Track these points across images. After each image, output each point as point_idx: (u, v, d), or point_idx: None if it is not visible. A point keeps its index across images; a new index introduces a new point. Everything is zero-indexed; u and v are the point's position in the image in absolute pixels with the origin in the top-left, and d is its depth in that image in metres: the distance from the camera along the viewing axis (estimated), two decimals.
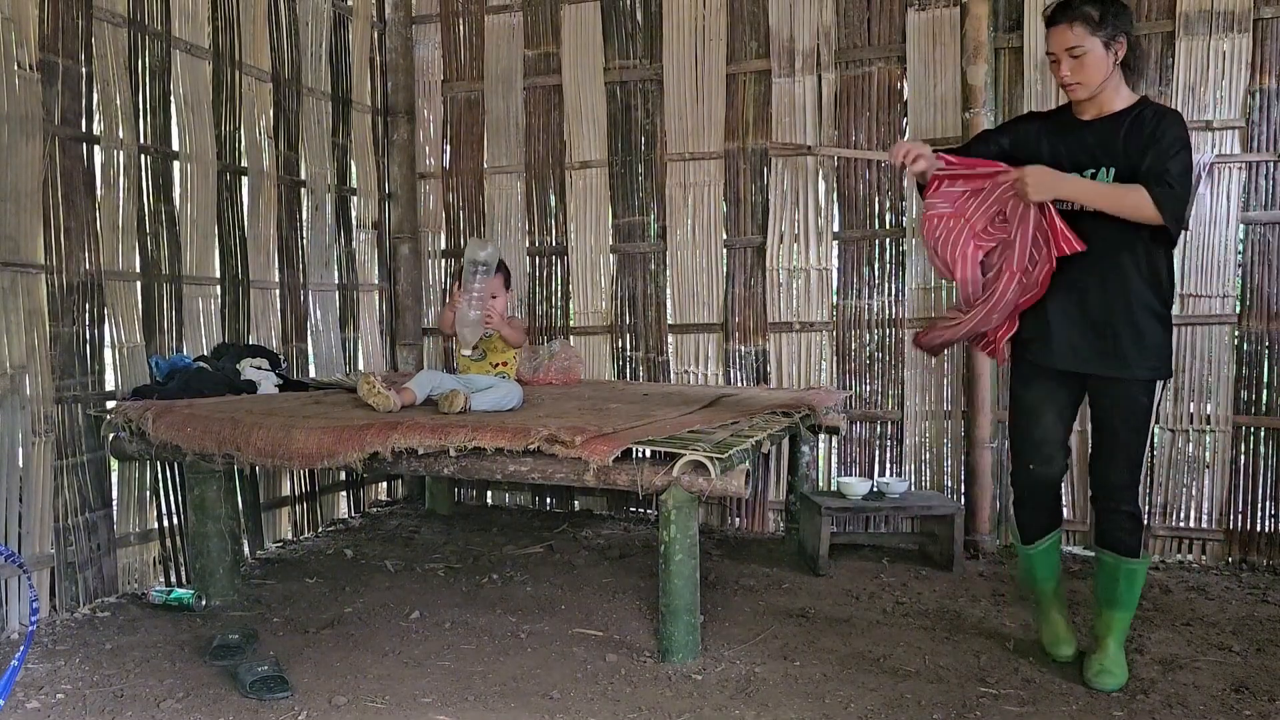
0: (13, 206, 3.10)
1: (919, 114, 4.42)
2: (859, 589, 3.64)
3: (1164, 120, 2.62)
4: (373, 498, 5.14)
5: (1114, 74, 2.67)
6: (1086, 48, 2.62)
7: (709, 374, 4.81)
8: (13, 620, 3.09)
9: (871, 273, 4.55)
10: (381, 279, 5.27)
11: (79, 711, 2.50)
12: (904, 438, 4.50)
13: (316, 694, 2.61)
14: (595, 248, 4.98)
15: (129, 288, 3.63)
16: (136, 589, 3.56)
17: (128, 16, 3.60)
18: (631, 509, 4.92)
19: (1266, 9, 3.94)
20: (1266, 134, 3.96)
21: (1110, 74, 2.66)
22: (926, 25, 4.38)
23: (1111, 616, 2.80)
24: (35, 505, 3.17)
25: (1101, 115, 2.71)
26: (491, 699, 2.59)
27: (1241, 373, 4.05)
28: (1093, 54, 2.62)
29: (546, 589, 3.63)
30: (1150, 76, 4.09)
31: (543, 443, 2.79)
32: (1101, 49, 2.62)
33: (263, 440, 3.01)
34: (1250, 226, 4.02)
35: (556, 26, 4.98)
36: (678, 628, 2.85)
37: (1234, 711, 2.55)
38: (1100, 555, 2.83)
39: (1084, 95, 2.69)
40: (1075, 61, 2.64)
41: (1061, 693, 2.67)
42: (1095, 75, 2.65)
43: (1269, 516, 4.01)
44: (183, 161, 3.89)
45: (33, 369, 3.18)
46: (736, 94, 4.71)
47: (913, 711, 2.54)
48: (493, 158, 5.17)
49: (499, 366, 3.91)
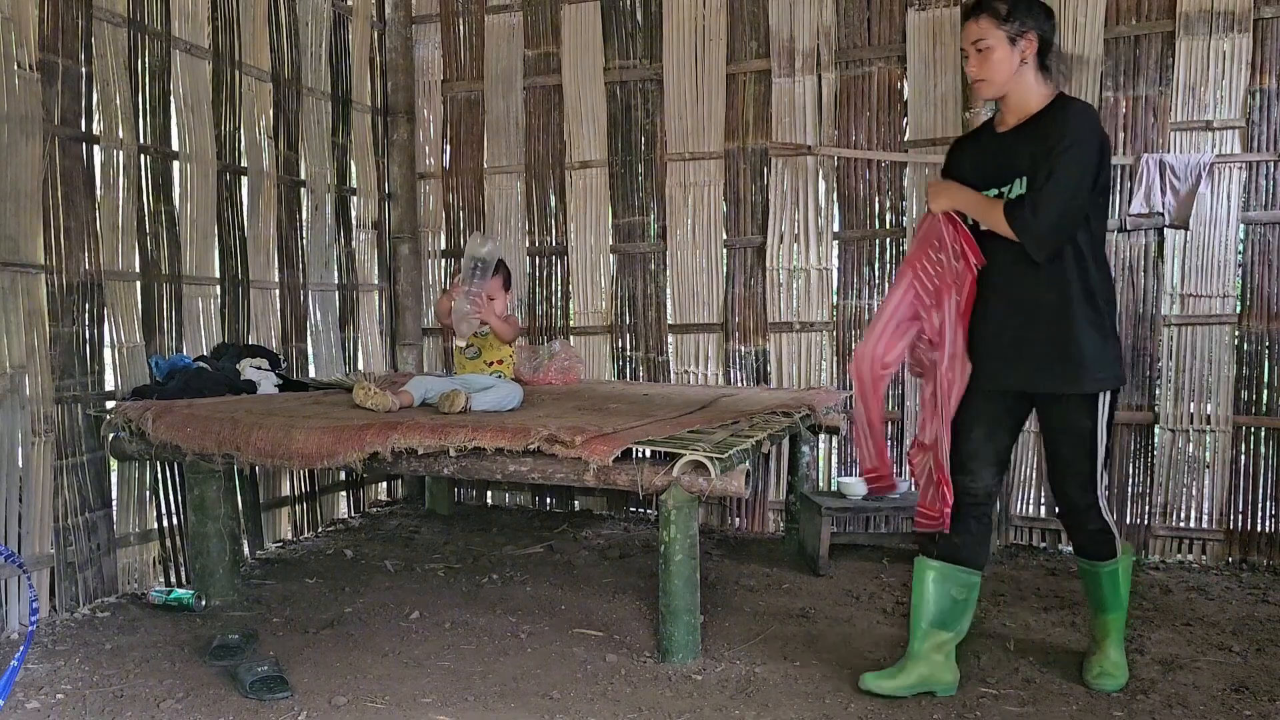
0: (12, 206, 3.10)
1: (919, 114, 4.42)
2: (859, 589, 3.64)
3: (1065, 113, 2.46)
4: (372, 498, 5.14)
5: (1024, 73, 2.52)
6: (991, 42, 2.50)
7: (709, 374, 4.81)
8: (13, 620, 3.09)
9: (871, 273, 4.55)
10: (381, 279, 5.27)
11: (79, 711, 2.49)
12: (904, 438, 4.50)
13: (316, 694, 2.61)
14: (595, 248, 4.98)
15: (129, 288, 3.63)
16: (136, 589, 3.56)
17: (128, 16, 3.60)
18: (631, 509, 4.92)
19: (1267, 9, 3.94)
20: (1267, 134, 3.96)
21: (1016, 71, 2.52)
22: (926, 25, 4.38)
23: (1104, 619, 2.78)
24: (35, 505, 3.17)
25: (1020, 121, 2.56)
26: (491, 699, 2.59)
27: (1242, 373, 4.05)
28: (998, 49, 2.50)
29: (546, 589, 3.63)
30: (1150, 76, 4.10)
31: (543, 443, 2.79)
32: (1007, 44, 2.49)
33: (263, 440, 3.01)
34: (1250, 226, 4.02)
35: (556, 26, 4.98)
36: (678, 628, 2.85)
37: (1234, 711, 2.55)
38: (1079, 563, 2.80)
39: (989, 93, 2.58)
40: (979, 56, 2.53)
41: (1061, 693, 2.67)
42: (998, 72, 2.52)
43: (1269, 516, 4.01)
44: (182, 161, 3.89)
45: (32, 369, 3.17)
46: (736, 94, 4.71)
47: (913, 711, 2.54)
48: (493, 158, 5.17)
49: (494, 365, 3.90)
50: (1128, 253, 4.17)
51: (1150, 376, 4.17)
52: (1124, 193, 4.12)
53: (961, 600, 2.68)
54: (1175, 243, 4.10)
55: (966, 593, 2.68)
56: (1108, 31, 4.13)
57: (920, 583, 2.70)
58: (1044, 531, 4.33)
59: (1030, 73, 2.54)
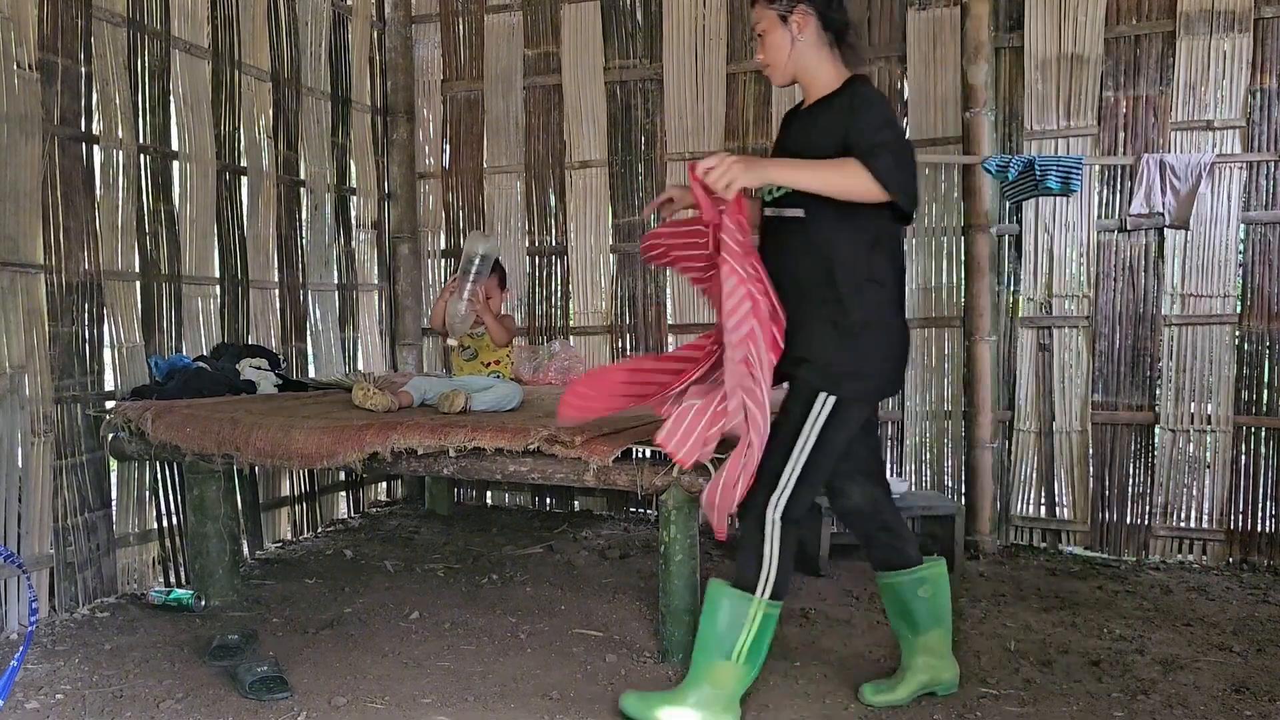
0: (12, 206, 3.10)
1: (919, 114, 4.42)
2: (859, 589, 3.64)
3: (859, 98, 2.33)
4: (372, 498, 5.14)
5: (803, 51, 2.39)
6: (765, 25, 2.41)
7: None
8: (12, 620, 3.09)
9: None
10: (381, 279, 5.27)
11: (78, 712, 2.49)
12: (904, 438, 4.50)
13: (316, 694, 2.60)
14: (595, 248, 4.97)
15: (128, 288, 3.62)
16: (136, 589, 3.56)
17: (127, 16, 3.60)
18: (631, 509, 4.92)
19: (1267, 9, 3.93)
20: (1267, 134, 3.96)
21: (794, 50, 2.39)
22: (927, 25, 4.38)
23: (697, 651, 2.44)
24: (35, 505, 3.17)
25: (814, 101, 2.45)
26: (491, 699, 2.59)
27: (1242, 373, 4.05)
28: (772, 31, 2.40)
29: (546, 589, 3.63)
30: (1151, 76, 4.10)
31: (542, 443, 2.79)
32: (779, 24, 2.38)
33: (262, 440, 3.01)
34: (1251, 226, 4.01)
35: (556, 26, 4.98)
36: (678, 628, 2.84)
37: (1234, 712, 2.55)
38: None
39: (775, 78, 2.47)
40: (760, 42, 2.44)
41: (1061, 693, 2.67)
42: (776, 54, 2.42)
43: (1269, 516, 4.01)
44: (182, 161, 3.89)
45: (32, 369, 3.17)
46: (737, 93, 4.71)
47: (913, 712, 2.53)
48: (492, 157, 5.17)
49: (491, 365, 3.89)
50: (1128, 253, 4.17)
51: (1150, 376, 4.17)
52: (1124, 193, 4.13)
53: (928, 597, 2.58)
54: (1175, 243, 4.10)
55: (931, 588, 2.58)
56: (1108, 31, 4.13)
57: (886, 596, 2.65)
58: (1044, 531, 4.33)
59: (812, 51, 2.41)
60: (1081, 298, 4.24)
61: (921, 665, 2.59)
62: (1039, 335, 4.32)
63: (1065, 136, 4.20)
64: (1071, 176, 3.86)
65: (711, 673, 2.39)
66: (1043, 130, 4.23)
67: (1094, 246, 4.21)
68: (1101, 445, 4.23)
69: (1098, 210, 4.20)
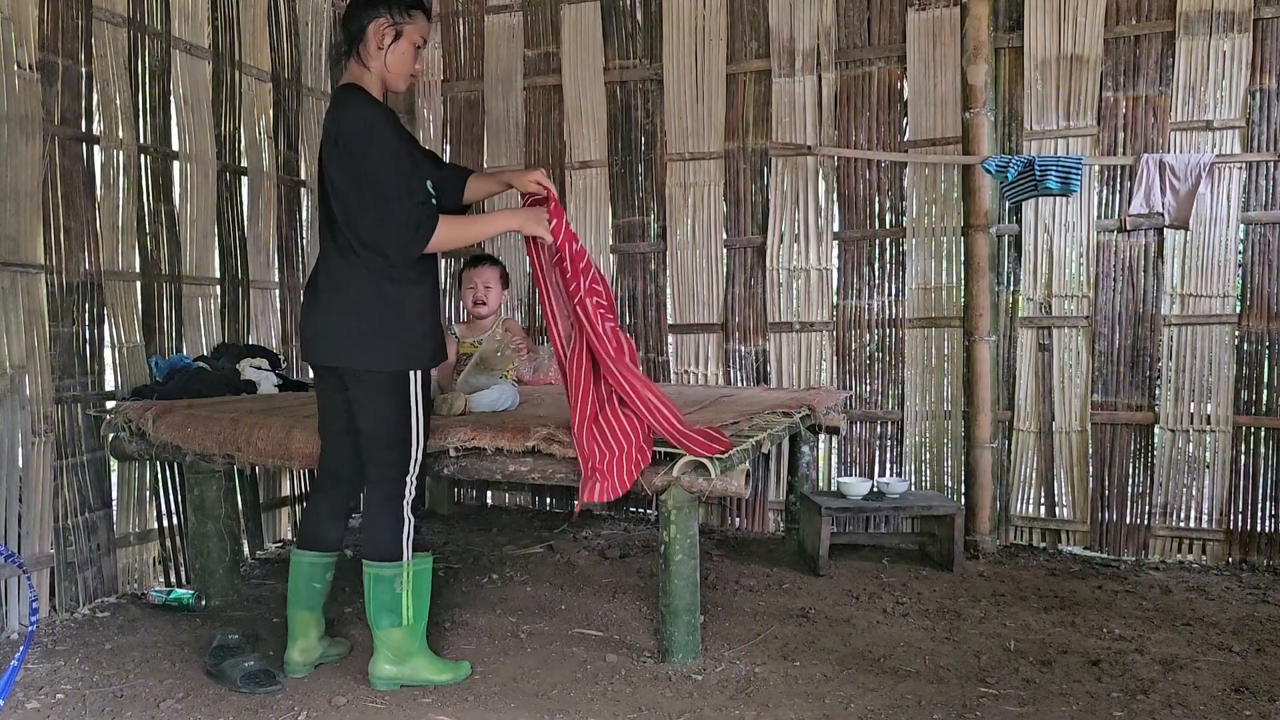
0: (12, 206, 3.10)
1: (919, 114, 4.42)
2: (859, 589, 3.64)
3: (337, 108, 2.59)
4: None
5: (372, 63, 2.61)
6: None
7: (709, 374, 4.81)
8: (12, 620, 3.09)
9: (871, 273, 4.55)
10: None
11: (79, 711, 2.49)
12: (904, 438, 4.50)
13: (316, 694, 2.61)
14: (595, 248, 4.97)
15: (129, 288, 3.63)
16: (136, 589, 3.56)
17: (128, 16, 3.60)
18: (631, 509, 4.92)
19: (1267, 9, 3.94)
20: (1267, 134, 3.96)
21: (373, 60, 2.62)
22: (926, 25, 4.38)
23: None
24: (35, 505, 3.17)
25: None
26: (491, 699, 2.59)
27: (1242, 373, 4.05)
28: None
29: (546, 589, 3.63)
30: (1150, 76, 4.10)
31: (542, 442, 2.79)
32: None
33: (263, 440, 3.02)
34: (1250, 226, 4.02)
35: (556, 26, 4.98)
36: (678, 628, 2.85)
37: (1234, 712, 2.55)
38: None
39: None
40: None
41: (1061, 693, 2.67)
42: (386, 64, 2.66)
43: (1269, 516, 4.02)
44: (182, 161, 3.89)
45: (32, 369, 3.17)
46: (736, 94, 4.71)
47: (913, 711, 2.54)
48: (492, 158, 5.17)
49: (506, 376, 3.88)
50: (1127, 253, 4.17)
51: (1150, 376, 4.17)
52: (1124, 193, 4.13)
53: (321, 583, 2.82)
54: (1175, 243, 4.10)
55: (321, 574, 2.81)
56: (1108, 31, 4.13)
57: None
58: (1044, 531, 4.34)
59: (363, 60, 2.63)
60: (1081, 298, 4.24)
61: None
62: (1039, 335, 4.32)
63: (1065, 137, 4.20)
64: (1071, 176, 3.87)
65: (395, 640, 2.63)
66: (1042, 130, 4.23)
67: (1094, 246, 4.21)
68: (1101, 445, 4.24)
69: (1097, 210, 4.21)
